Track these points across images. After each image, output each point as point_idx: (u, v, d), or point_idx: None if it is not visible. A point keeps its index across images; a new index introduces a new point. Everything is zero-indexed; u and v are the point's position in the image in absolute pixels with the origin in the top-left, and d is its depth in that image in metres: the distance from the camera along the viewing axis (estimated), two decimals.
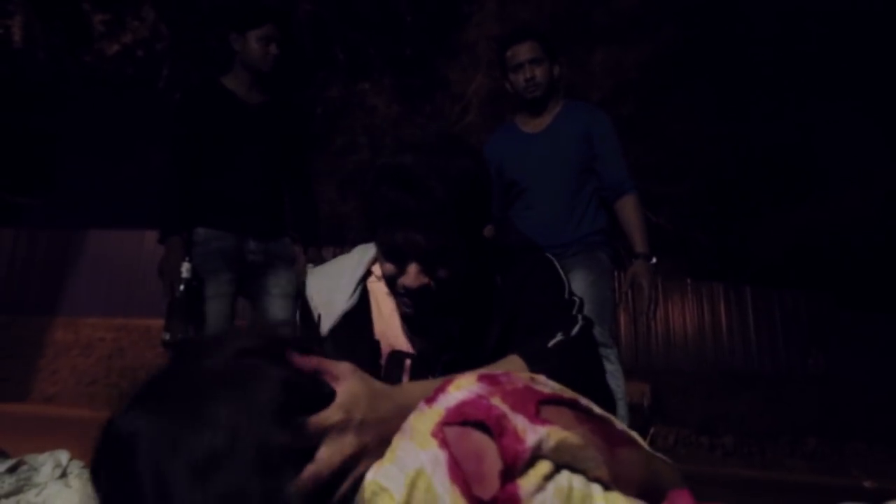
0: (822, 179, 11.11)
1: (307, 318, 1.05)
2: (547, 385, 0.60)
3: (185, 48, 9.46)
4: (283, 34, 2.21)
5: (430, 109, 10.81)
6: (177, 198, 2.09)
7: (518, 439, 0.51)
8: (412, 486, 0.50)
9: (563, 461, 0.54)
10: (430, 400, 0.56)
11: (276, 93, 2.28)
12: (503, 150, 2.27)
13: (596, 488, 0.54)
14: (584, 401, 0.60)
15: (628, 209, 2.15)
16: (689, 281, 9.24)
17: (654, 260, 2.11)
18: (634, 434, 0.63)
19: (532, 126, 2.27)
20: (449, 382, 0.57)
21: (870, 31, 10.52)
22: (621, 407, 1.90)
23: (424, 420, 0.54)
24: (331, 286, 1.06)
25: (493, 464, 0.50)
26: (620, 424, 0.63)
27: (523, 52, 2.20)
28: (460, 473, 0.49)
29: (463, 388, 0.56)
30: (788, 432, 7.20)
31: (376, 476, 0.54)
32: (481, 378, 0.57)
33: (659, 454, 0.66)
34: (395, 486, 0.51)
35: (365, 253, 1.08)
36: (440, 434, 0.52)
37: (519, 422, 0.52)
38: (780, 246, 10.99)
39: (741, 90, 10.82)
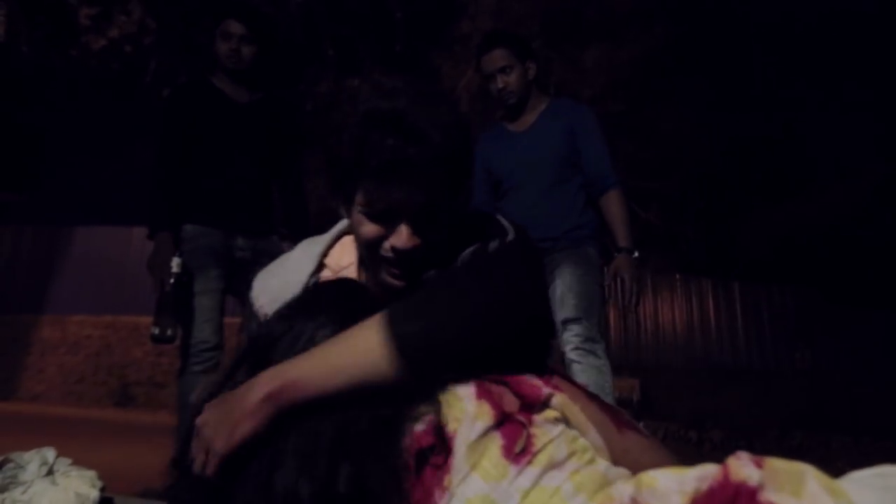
0: (809, 175, 11.21)
1: (253, 320, 0.96)
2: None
3: (172, 43, 9.37)
4: (251, 31, 2.15)
5: None
6: (166, 193, 2.07)
7: (535, 388, 0.68)
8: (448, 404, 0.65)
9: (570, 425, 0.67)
10: None
11: (265, 90, 2.26)
12: (491, 150, 2.31)
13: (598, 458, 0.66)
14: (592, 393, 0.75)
15: (612, 204, 2.18)
16: (678, 276, 9.30)
17: (636, 254, 2.14)
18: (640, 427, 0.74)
19: (517, 125, 2.32)
20: None
21: (857, 28, 10.62)
22: (609, 401, 1.92)
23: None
24: (277, 285, 0.95)
25: (511, 400, 0.66)
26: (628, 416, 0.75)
27: (493, 61, 2.24)
28: (487, 394, 0.65)
29: None
30: (775, 426, 7.27)
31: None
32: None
33: (663, 448, 0.73)
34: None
35: (312, 247, 0.99)
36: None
37: (535, 380, 0.69)
38: (768, 241, 11.08)
39: (730, 87, 10.89)
